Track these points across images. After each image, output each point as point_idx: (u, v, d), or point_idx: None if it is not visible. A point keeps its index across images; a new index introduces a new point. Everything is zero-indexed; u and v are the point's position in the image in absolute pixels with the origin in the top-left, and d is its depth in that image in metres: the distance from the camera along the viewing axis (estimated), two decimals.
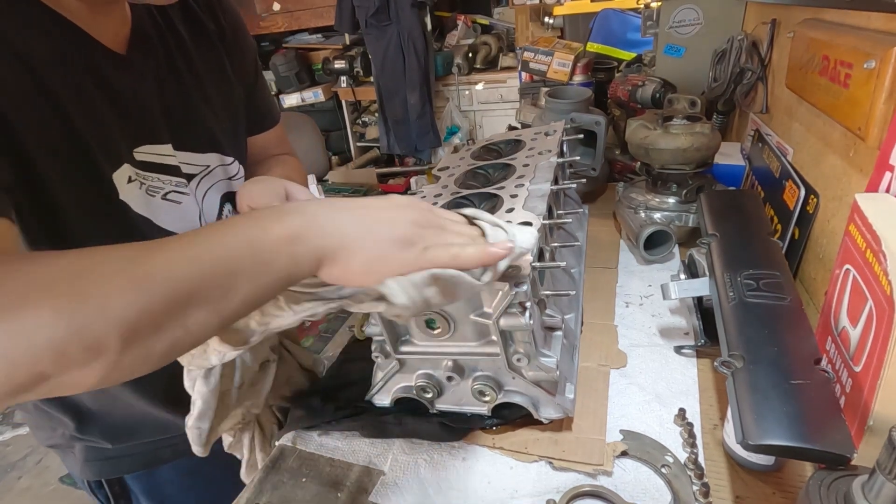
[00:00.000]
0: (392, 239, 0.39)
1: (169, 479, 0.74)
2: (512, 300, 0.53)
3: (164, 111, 0.60)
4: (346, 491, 0.60)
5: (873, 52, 0.59)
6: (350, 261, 0.38)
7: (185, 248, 0.35)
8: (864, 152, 0.64)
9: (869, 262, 0.50)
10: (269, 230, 0.37)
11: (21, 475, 2.09)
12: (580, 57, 1.54)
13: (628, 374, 0.71)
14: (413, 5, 2.93)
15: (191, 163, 0.62)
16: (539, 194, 0.70)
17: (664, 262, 0.95)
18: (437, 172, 0.87)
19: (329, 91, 3.63)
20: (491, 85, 3.28)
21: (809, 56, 0.78)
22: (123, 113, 0.55)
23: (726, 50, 1.15)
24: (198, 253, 0.35)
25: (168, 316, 0.33)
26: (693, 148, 0.93)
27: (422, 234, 0.41)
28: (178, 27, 0.64)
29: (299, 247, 0.37)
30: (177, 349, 0.35)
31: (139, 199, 0.55)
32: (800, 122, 0.88)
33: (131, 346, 0.32)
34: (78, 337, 0.30)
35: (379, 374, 0.67)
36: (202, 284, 0.34)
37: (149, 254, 0.34)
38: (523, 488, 0.57)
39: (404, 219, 0.41)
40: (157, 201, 0.57)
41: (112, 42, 0.55)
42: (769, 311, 0.58)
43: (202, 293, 0.34)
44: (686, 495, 0.53)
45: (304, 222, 0.38)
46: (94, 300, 0.31)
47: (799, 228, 0.80)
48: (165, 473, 0.74)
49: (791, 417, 0.46)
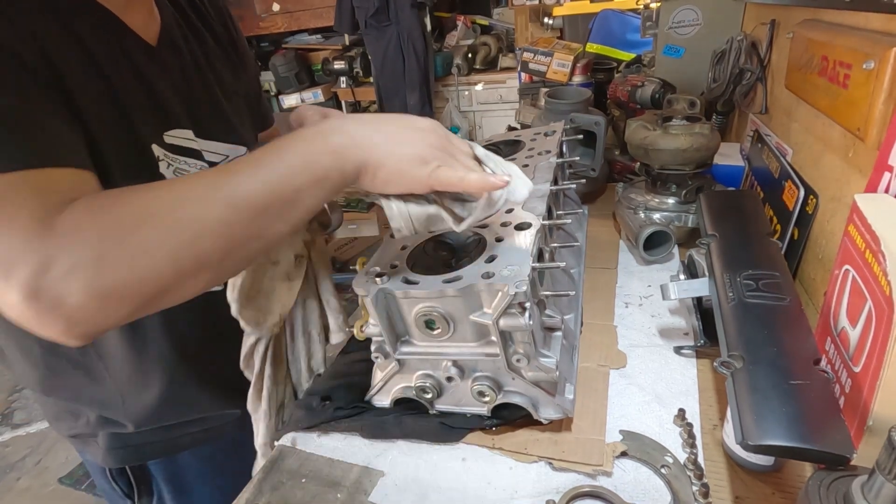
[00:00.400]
0: (411, 157, 0.47)
1: (188, 466, 0.76)
2: (511, 301, 0.53)
3: (188, 102, 0.65)
4: (345, 491, 0.60)
5: (872, 52, 0.59)
6: (377, 173, 0.47)
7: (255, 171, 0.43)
8: (864, 153, 0.64)
9: (868, 263, 0.50)
10: (319, 150, 0.45)
11: (20, 476, 2.09)
12: (580, 57, 1.55)
13: (628, 375, 0.71)
14: (413, 6, 2.93)
15: (212, 150, 0.67)
16: (539, 195, 0.70)
17: (664, 263, 0.95)
18: None
19: (329, 91, 3.62)
20: (490, 85, 3.28)
21: (808, 57, 0.79)
22: (152, 98, 0.60)
23: (725, 50, 1.15)
24: (266, 175, 0.43)
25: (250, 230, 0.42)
26: (692, 148, 0.93)
27: (435, 156, 0.47)
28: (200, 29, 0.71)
29: (344, 163, 0.45)
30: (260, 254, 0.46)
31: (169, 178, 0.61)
32: (799, 123, 0.88)
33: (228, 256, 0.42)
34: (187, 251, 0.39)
35: (378, 374, 0.67)
36: (273, 201, 0.42)
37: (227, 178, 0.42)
38: (523, 489, 0.57)
39: (424, 141, 0.48)
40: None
41: (143, 34, 0.61)
42: (769, 312, 0.58)
43: (274, 208, 0.43)
44: (686, 496, 0.53)
45: (345, 141, 0.46)
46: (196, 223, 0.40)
47: (798, 229, 0.80)
48: (185, 460, 0.76)
49: (790, 418, 0.46)
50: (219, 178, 0.43)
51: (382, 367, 0.65)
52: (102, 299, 0.38)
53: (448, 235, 0.66)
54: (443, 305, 0.56)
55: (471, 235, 0.66)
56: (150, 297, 0.40)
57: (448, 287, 0.54)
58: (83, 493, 1.97)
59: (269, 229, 0.43)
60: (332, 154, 0.45)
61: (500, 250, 0.59)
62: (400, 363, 0.63)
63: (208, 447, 0.75)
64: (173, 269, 0.40)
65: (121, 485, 0.75)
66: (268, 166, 0.43)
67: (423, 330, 0.59)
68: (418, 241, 0.65)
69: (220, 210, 0.41)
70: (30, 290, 0.36)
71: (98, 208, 0.40)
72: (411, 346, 0.62)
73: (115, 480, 0.75)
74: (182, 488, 0.78)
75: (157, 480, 0.76)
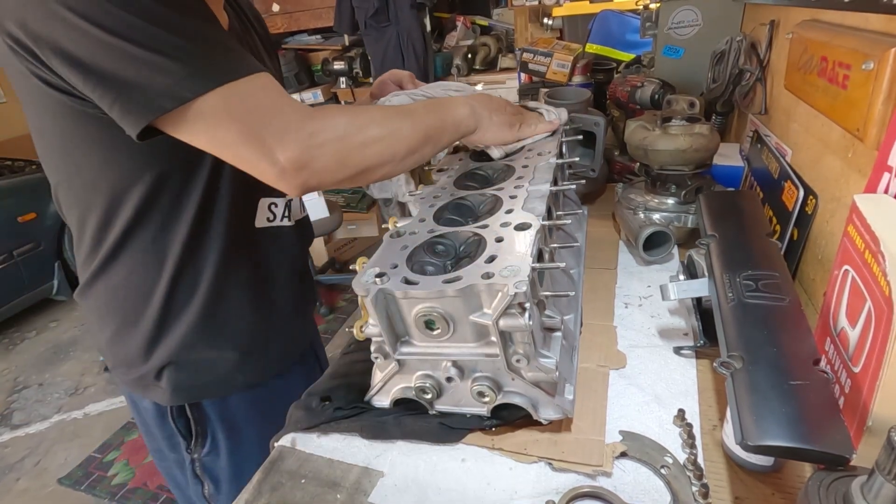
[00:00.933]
0: (502, 122, 0.82)
1: (238, 408, 0.87)
2: (511, 301, 0.53)
3: None
4: (345, 492, 0.60)
5: (871, 53, 0.59)
6: (485, 132, 0.80)
7: (430, 113, 0.73)
8: (863, 153, 0.65)
9: (868, 263, 0.50)
10: (460, 111, 0.76)
11: (19, 477, 2.09)
12: (579, 58, 1.55)
13: (627, 375, 0.71)
14: (412, 6, 2.93)
15: None
16: (538, 195, 0.70)
17: (663, 263, 0.96)
18: (435, 174, 0.87)
19: (328, 92, 3.62)
20: (490, 86, 3.28)
21: (808, 57, 0.79)
22: None
23: (725, 51, 1.15)
24: (434, 117, 0.73)
25: (420, 146, 0.70)
26: (692, 149, 0.93)
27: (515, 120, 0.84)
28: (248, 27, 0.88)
29: (470, 121, 0.77)
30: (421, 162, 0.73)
31: None
32: (798, 123, 0.88)
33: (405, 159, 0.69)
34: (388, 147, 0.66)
35: (378, 374, 0.67)
36: (433, 133, 0.72)
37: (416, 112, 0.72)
38: (523, 489, 0.57)
39: (506, 111, 0.83)
40: None
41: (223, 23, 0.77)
42: (768, 312, 0.58)
43: (433, 137, 0.72)
44: (685, 496, 0.53)
45: (470, 110, 0.77)
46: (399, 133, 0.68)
47: (798, 229, 0.80)
48: (236, 402, 0.86)
49: (790, 418, 0.46)
50: (409, 111, 0.72)
51: (382, 368, 0.65)
52: (338, 163, 0.62)
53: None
54: (442, 306, 0.56)
55: (471, 235, 0.66)
56: (361, 170, 0.64)
57: (448, 287, 0.54)
58: (82, 494, 1.97)
59: (426, 146, 0.71)
60: (463, 117, 0.77)
61: (500, 251, 0.59)
62: (400, 363, 0.63)
63: (258, 392, 0.87)
64: (379, 157, 0.65)
65: (180, 426, 0.85)
66: (434, 112, 0.74)
67: (423, 330, 0.59)
68: (419, 241, 0.65)
69: (410, 128, 0.69)
70: (298, 148, 0.58)
71: (341, 111, 0.66)
72: (411, 347, 0.62)
73: (175, 421, 0.84)
74: (233, 429, 0.87)
75: (212, 421, 0.85)
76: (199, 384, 0.82)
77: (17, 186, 3.01)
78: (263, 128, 0.57)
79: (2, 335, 3.10)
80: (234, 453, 0.89)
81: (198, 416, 0.84)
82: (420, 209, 0.74)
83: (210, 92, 0.55)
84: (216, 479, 0.90)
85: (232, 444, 0.88)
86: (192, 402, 0.83)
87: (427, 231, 0.67)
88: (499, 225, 0.65)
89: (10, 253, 2.90)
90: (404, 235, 0.67)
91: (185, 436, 0.86)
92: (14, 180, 3.03)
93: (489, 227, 0.65)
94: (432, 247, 0.66)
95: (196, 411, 0.84)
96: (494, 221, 0.66)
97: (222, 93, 0.56)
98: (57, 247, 3.15)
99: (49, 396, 2.54)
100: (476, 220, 0.70)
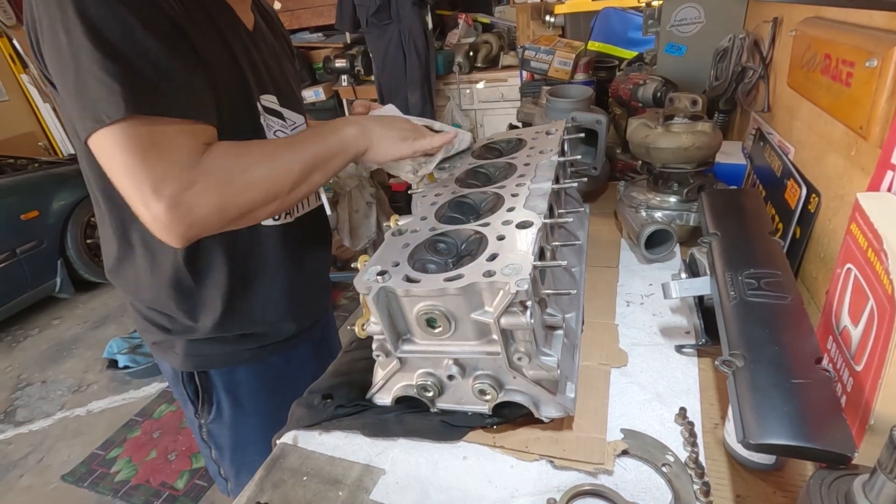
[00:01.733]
0: (395, 137, 0.78)
1: (244, 381, 0.92)
2: (513, 299, 0.53)
3: (272, 76, 0.84)
4: (346, 489, 0.60)
5: (875, 50, 0.59)
6: (378, 149, 0.77)
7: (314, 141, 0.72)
8: (866, 151, 0.64)
9: (870, 262, 0.50)
10: (347, 132, 0.75)
11: (23, 473, 2.10)
12: (581, 55, 1.54)
13: (629, 373, 0.71)
14: (414, 4, 2.92)
15: (289, 117, 0.88)
16: (540, 193, 0.70)
17: (665, 261, 0.95)
18: (437, 172, 0.87)
19: (330, 90, 3.62)
20: (492, 84, 3.28)
21: (811, 54, 0.78)
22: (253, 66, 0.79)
23: (728, 48, 1.15)
24: (319, 144, 0.72)
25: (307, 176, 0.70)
26: (694, 147, 0.93)
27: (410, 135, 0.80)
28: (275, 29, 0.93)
29: (360, 141, 0.76)
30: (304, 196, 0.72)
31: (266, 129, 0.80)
32: (801, 121, 0.88)
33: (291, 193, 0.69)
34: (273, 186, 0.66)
35: (380, 372, 0.67)
36: (320, 161, 0.71)
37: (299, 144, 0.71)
38: (524, 487, 0.57)
39: (402, 127, 0.81)
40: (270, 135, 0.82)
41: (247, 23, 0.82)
42: (770, 311, 0.58)
43: (320, 165, 0.71)
44: (687, 494, 0.53)
45: (360, 129, 0.76)
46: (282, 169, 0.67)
47: (800, 227, 0.80)
48: (242, 374, 0.91)
49: (792, 416, 0.46)
50: (293, 143, 0.71)
51: (384, 366, 0.65)
52: (220, 212, 0.61)
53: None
54: (444, 304, 0.56)
55: (473, 234, 0.66)
56: (243, 213, 0.64)
57: (449, 285, 0.54)
58: (85, 491, 1.98)
59: (315, 174, 0.71)
60: (353, 138, 0.75)
61: (502, 249, 0.59)
62: (401, 361, 0.63)
63: (264, 367, 0.92)
64: (263, 197, 0.65)
65: (189, 390, 0.91)
66: (320, 139, 0.72)
67: (425, 328, 0.59)
68: (420, 239, 0.65)
69: (294, 163, 0.68)
70: (174, 199, 0.57)
71: (227, 152, 0.64)
72: (412, 345, 0.62)
73: (185, 386, 0.90)
74: (238, 400, 0.92)
75: (218, 390, 0.91)
76: (208, 354, 0.87)
77: (19, 184, 3.02)
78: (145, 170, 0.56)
79: (5, 333, 3.11)
80: (236, 424, 0.94)
81: (205, 384, 0.90)
82: (421, 207, 0.74)
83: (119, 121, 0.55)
84: (220, 445, 0.96)
85: (236, 415, 0.93)
86: (200, 369, 0.88)
87: (429, 229, 0.67)
88: (500, 223, 0.64)
89: (13, 251, 2.91)
90: (406, 233, 0.67)
91: (194, 401, 0.92)
92: (17, 178, 3.04)
93: (491, 225, 0.65)
94: (434, 245, 0.66)
95: (204, 379, 0.89)
96: (496, 219, 0.66)
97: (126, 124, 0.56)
98: (60, 245, 3.16)
99: (52, 393, 2.55)
100: (478, 218, 0.70)
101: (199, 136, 0.63)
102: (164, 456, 2.09)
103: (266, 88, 0.82)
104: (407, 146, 0.78)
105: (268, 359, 0.92)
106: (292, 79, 0.94)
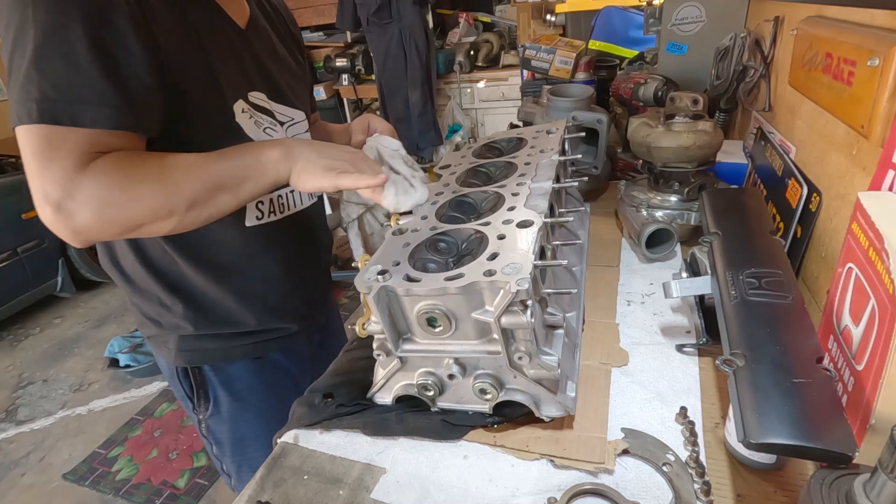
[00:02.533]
0: (323, 167, 0.67)
1: (238, 376, 0.91)
2: (513, 298, 0.53)
3: (264, 73, 0.84)
4: (347, 488, 0.60)
5: (877, 49, 0.59)
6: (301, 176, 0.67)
7: (223, 160, 0.65)
8: (867, 150, 0.64)
9: (871, 261, 0.50)
10: (267, 155, 0.67)
11: (25, 472, 2.10)
12: (582, 55, 1.54)
13: (630, 373, 0.71)
14: (415, 3, 2.92)
15: (282, 113, 0.87)
16: (540, 192, 0.70)
17: (666, 261, 0.95)
18: (438, 171, 0.87)
19: (331, 89, 3.62)
20: (492, 83, 3.28)
21: (812, 53, 0.78)
22: (241, 68, 0.79)
23: (729, 47, 1.14)
24: (228, 165, 0.65)
25: (209, 196, 0.64)
26: (695, 146, 0.93)
27: (340, 167, 0.67)
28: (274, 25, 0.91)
29: (280, 165, 0.67)
30: (213, 216, 0.66)
31: (248, 126, 0.78)
32: (802, 120, 0.88)
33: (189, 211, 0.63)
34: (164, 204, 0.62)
35: (380, 371, 0.67)
36: (228, 182, 0.65)
37: (203, 161, 0.64)
38: (524, 486, 0.57)
39: (336, 156, 0.69)
40: (259, 132, 0.80)
41: (237, 20, 0.80)
42: (771, 310, 0.58)
43: (227, 186, 0.65)
44: (687, 493, 0.53)
45: (284, 152, 0.67)
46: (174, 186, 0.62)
47: (801, 227, 0.80)
48: (236, 370, 0.91)
49: (793, 416, 0.46)
50: (198, 160, 0.64)
51: (384, 365, 0.65)
52: (101, 223, 0.60)
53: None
54: (445, 303, 0.56)
55: (473, 233, 0.66)
56: (131, 227, 0.62)
57: (450, 285, 0.54)
58: (86, 490, 1.98)
59: (221, 196, 0.65)
60: (273, 160, 0.67)
61: (502, 248, 0.59)
62: (402, 361, 0.63)
63: (258, 362, 0.92)
64: (152, 213, 0.62)
65: (184, 386, 0.91)
66: (232, 160, 0.66)
67: (425, 327, 0.59)
68: (421, 239, 0.65)
69: (192, 182, 0.63)
70: (57, 206, 0.58)
71: (115, 165, 0.61)
72: (413, 344, 0.62)
73: (181, 381, 0.90)
74: (235, 395, 0.92)
75: (214, 385, 0.91)
76: (199, 350, 0.88)
77: (21, 183, 3.00)
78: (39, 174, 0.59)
79: (6, 332, 3.12)
80: (236, 419, 0.94)
81: (199, 379, 0.90)
82: (422, 207, 0.74)
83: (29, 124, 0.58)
84: (219, 441, 0.97)
85: (234, 411, 0.93)
86: (193, 365, 0.89)
87: (429, 228, 0.67)
88: (501, 222, 0.64)
89: (15, 250, 2.91)
90: (406, 233, 0.67)
91: (190, 396, 0.92)
92: (18, 177, 3.04)
93: (491, 224, 0.65)
94: (434, 244, 0.66)
95: (198, 374, 0.90)
96: (497, 219, 0.66)
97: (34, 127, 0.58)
98: (61, 244, 3.16)
99: (53, 392, 2.55)
100: (478, 218, 0.70)
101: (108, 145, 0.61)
102: (166, 455, 2.10)
103: (254, 86, 0.81)
104: (328, 180, 0.67)
105: (265, 355, 0.92)
106: (293, 75, 0.92)
